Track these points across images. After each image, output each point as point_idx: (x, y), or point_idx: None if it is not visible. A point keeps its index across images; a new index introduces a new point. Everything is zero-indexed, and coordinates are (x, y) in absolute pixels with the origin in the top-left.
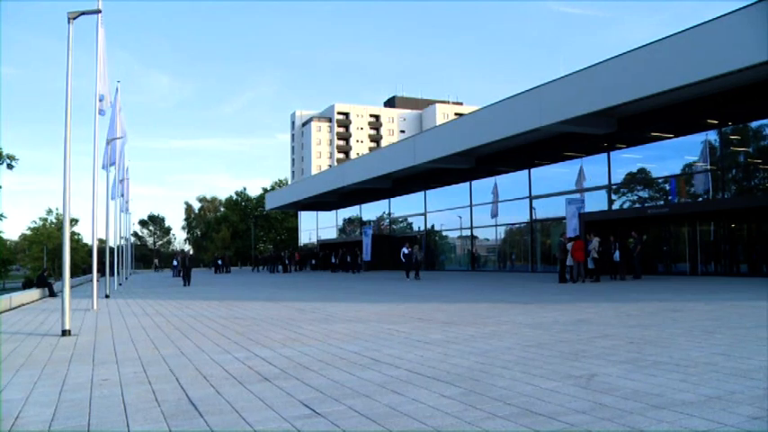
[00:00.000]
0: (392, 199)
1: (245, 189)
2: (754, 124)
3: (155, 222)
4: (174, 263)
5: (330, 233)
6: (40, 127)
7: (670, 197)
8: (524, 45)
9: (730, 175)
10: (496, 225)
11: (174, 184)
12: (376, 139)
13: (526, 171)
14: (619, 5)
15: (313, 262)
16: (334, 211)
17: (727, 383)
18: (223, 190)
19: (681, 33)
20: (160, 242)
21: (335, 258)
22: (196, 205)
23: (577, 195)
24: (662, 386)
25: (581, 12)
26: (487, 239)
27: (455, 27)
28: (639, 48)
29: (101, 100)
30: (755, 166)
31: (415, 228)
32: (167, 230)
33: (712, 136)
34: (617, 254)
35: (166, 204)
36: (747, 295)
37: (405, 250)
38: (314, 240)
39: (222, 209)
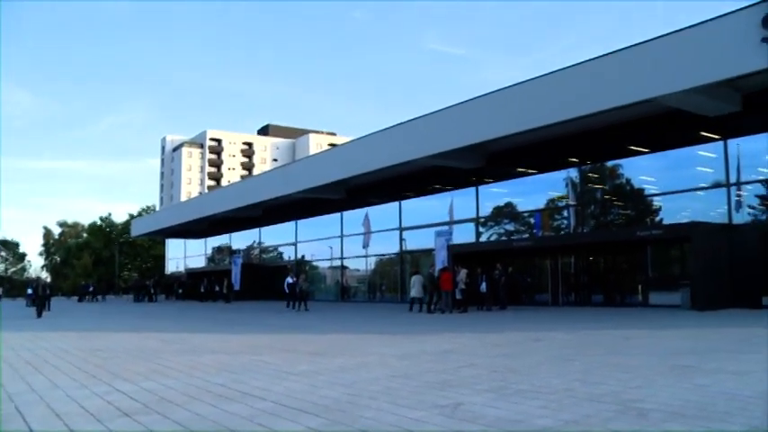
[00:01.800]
0: (263, 228)
1: (110, 214)
2: (610, 163)
3: (7, 247)
4: (29, 291)
5: (199, 262)
6: None
7: (534, 230)
8: (400, 79)
9: (589, 210)
10: (367, 256)
11: (32, 207)
12: (248, 167)
13: (397, 203)
14: (488, 47)
15: (180, 291)
16: (203, 240)
17: (582, 408)
18: (87, 215)
19: (544, 76)
20: (13, 269)
21: (204, 287)
22: (56, 230)
23: (446, 227)
24: (524, 413)
25: (454, 51)
26: (358, 270)
27: (331, 58)
28: (507, 87)
29: None
30: (611, 203)
31: (286, 257)
32: (22, 256)
33: (573, 173)
34: (484, 285)
35: (23, 228)
36: (602, 324)
37: (289, 280)
38: (181, 269)
39: (85, 234)
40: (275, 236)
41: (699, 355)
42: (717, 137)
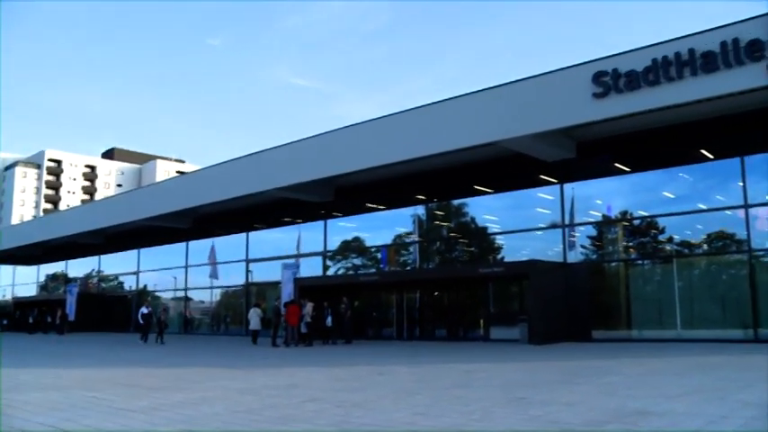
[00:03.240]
0: (103, 256)
1: None
2: (455, 202)
3: None
4: None
5: (30, 290)
6: None
7: (381, 265)
8: (253, 109)
9: (435, 246)
10: (212, 287)
11: None
12: (90, 191)
13: (245, 234)
14: (345, 82)
15: (5, 322)
16: (36, 266)
17: None
18: None
19: (394, 115)
20: None
21: (33, 318)
22: None
23: (294, 260)
24: None
25: (308, 84)
26: (202, 302)
27: (184, 83)
28: (357, 124)
29: None
30: (456, 240)
31: (127, 287)
32: None
33: (420, 210)
34: (329, 318)
35: None
36: (445, 358)
37: (143, 310)
38: (8, 298)
39: None
40: (116, 264)
41: (534, 388)
42: (554, 181)
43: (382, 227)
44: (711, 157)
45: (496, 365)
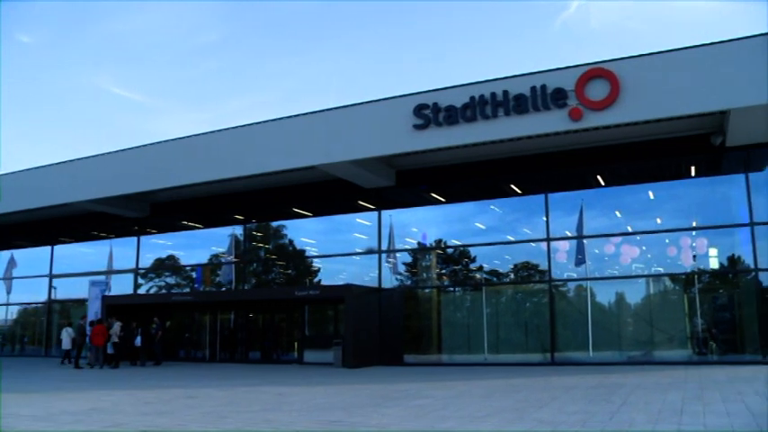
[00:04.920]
0: None
1: None
2: (274, 223)
3: None
4: None
5: None
6: None
7: (196, 285)
8: (67, 116)
9: (252, 267)
10: (8, 304)
11: None
12: None
13: (49, 247)
14: (167, 96)
15: None
16: None
17: None
18: None
19: (213, 133)
20: None
21: None
22: None
23: (102, 277)
24: None
25: (129, 95)
26: None
27: None
28: (173, 140)
29: None
30: (273, 262)
31: None
32: None
33: (238, 230)
34: (138, 339)
35: None
36: (258, 381)
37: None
38: None
39: None
40: None
41: (346, 410)
42: (373, 207)
43: (198, 245)
44: (519, 192)
45: (310, 389)
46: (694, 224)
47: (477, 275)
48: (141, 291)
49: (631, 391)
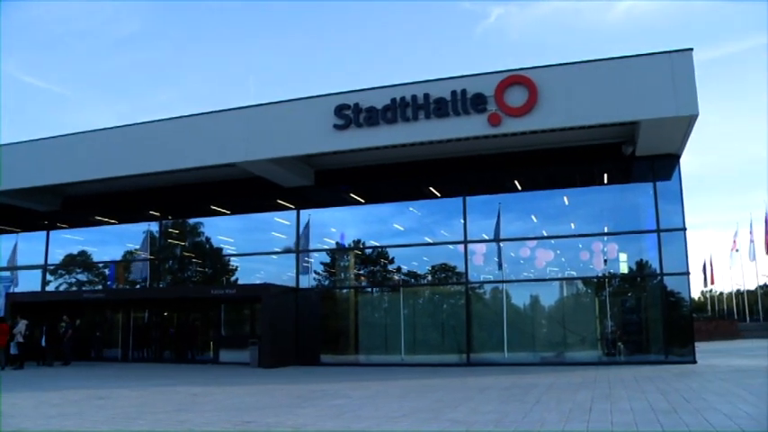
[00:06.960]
0: None
1: None
2: (191, 220)
3: None
4: None
5: None
6: None
7: (109, 282)
8: None
9: (167, 265)
10: None
11: None
12: None
13: None
14: (84, 86)
15: None
16: None
17: None
18: None
19: (128, 126)
20: None
21: None
22: None
23: (7, 273)
24: None
25: (42, 84)
26: None
27: None
28: (89, 131)
29: None
30: (189, 260)
31: None
32: None
33: (154, 227)
34: (43, 339)
35: None
36: (172, 381)
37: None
38: None
39: None
40: None
41: (261, 411)
42: (291, 206)
43: (112, 242)
44: (438, 194)
45: (225, 389)
46: (606, 230)
47: (395, 276)
48: (50, 288)
49: (544, 391)
